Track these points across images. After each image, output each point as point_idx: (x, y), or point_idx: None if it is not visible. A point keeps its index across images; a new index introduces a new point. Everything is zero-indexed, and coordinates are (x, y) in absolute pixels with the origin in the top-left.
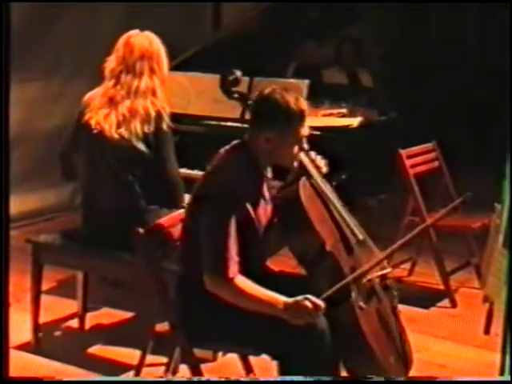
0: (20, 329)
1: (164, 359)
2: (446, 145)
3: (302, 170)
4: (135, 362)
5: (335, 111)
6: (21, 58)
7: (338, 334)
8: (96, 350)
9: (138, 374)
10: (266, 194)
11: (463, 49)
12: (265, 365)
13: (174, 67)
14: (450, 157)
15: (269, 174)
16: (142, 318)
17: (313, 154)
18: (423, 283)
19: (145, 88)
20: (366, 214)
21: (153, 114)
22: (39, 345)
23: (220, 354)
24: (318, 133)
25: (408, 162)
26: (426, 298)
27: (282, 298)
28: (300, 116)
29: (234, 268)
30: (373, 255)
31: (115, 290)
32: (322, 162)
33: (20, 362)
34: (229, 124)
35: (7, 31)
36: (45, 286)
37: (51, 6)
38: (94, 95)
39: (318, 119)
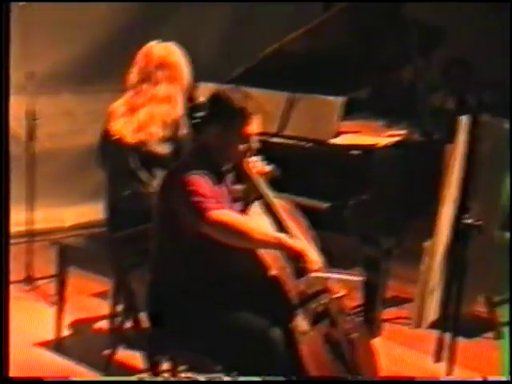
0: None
1: None
2: None
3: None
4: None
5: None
6: None
7: None
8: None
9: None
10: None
11: None
12: None
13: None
14: None
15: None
16: None
17: (257, 160)
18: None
19: (162, 95)
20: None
21: (169, 121)
22: (60, 343)
23: None
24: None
25: None
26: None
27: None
28: (243, 114)
29: (213, 205)
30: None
31: None
32: (259, 164)
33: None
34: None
35: (7, 31)
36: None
37: None
38: (117, 105)
39: (346, 137)
